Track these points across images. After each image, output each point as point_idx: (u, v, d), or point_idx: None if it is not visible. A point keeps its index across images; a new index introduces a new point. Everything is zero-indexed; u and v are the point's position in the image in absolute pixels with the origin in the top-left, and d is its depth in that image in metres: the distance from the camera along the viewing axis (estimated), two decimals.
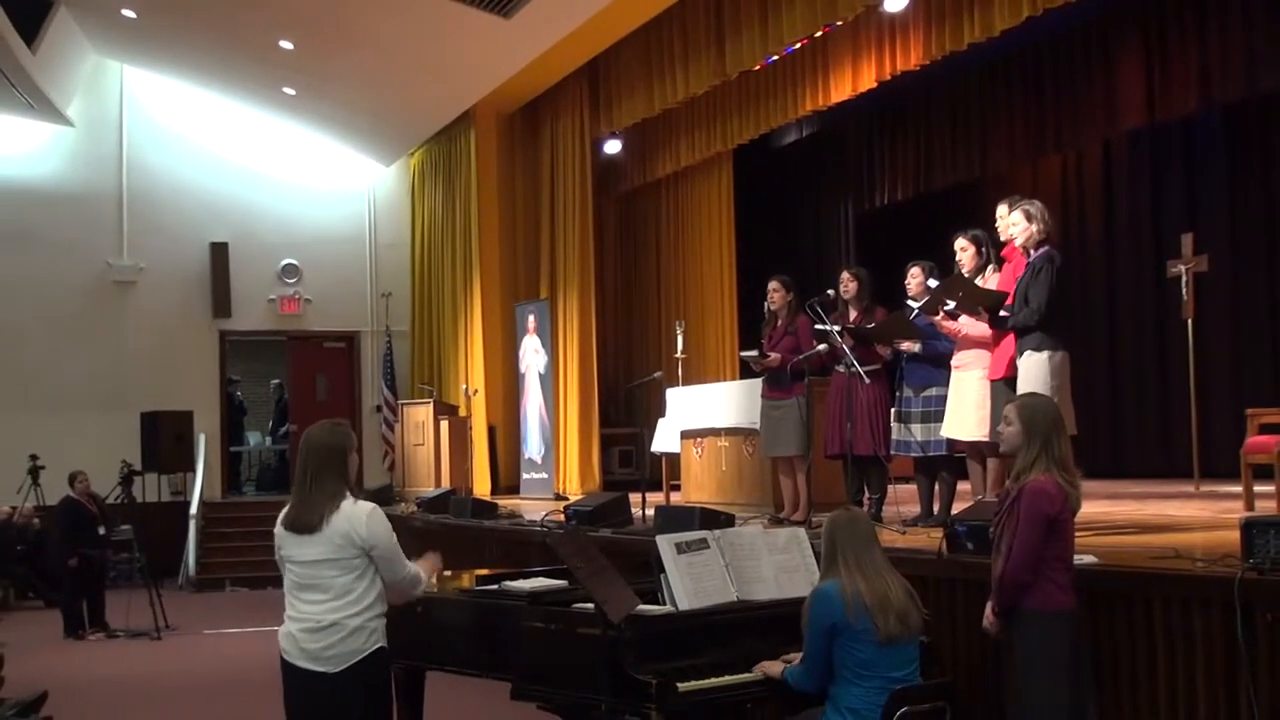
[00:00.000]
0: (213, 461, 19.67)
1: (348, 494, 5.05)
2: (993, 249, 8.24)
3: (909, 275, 8.74)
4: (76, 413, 18.62)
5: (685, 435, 12.86)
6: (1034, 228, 7.31)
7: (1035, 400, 5.46)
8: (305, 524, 5.00)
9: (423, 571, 5.32)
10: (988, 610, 5.25)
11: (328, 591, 4.98)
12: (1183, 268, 11.97)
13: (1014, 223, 7.49)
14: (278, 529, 5.10)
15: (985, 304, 7.64)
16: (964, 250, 8.24)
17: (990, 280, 8.02)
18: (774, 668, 5.34)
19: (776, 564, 5.78)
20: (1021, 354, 7.24)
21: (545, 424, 16.61)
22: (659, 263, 18.64)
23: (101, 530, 14.10)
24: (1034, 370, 7.09)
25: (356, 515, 4.98)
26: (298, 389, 20.85)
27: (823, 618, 5.10)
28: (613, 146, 17.49)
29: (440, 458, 16.97)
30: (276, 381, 22.47)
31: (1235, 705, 5.00)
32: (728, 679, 5.29)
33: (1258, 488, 8.87)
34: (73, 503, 14.04)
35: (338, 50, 16.41)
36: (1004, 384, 7.55)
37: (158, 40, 18.33)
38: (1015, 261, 7.71)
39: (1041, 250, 7.29)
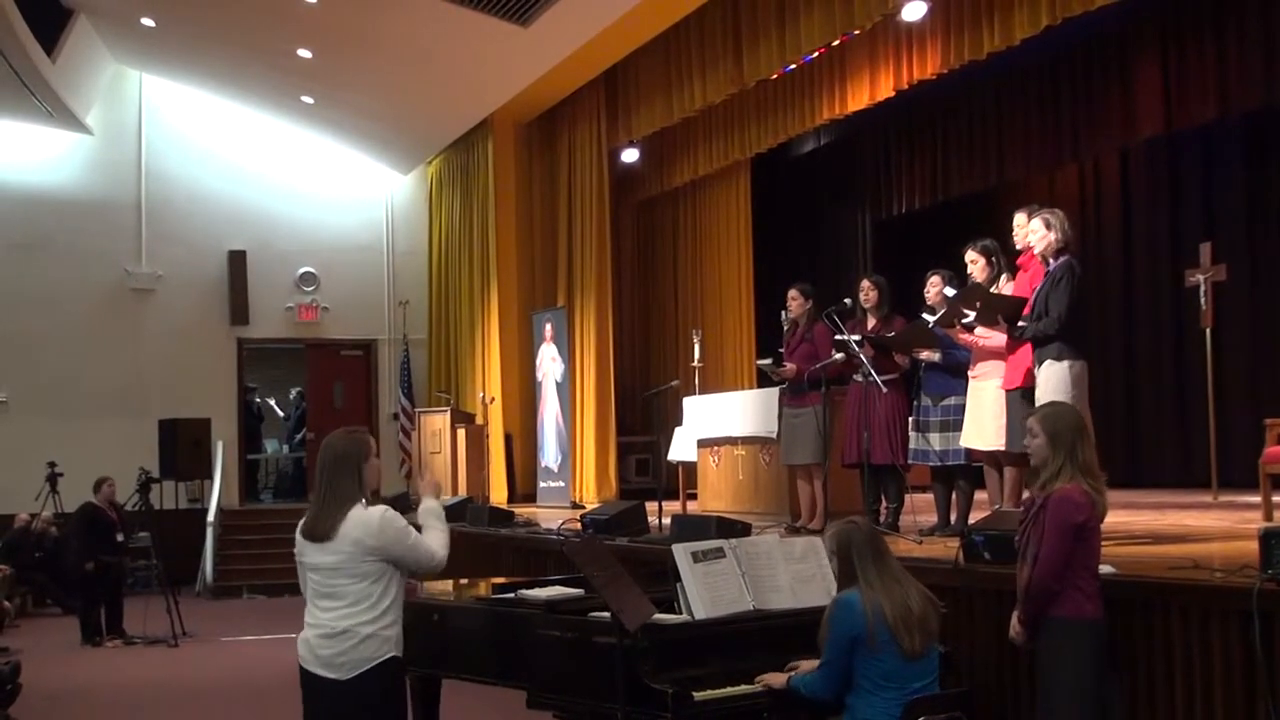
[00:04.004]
0: (230, 469, 19.71)
1: (361, 501, 5.03)
2: (1004, 258, 8.23)
3: (928, 284, 8.74)
4: (94, 420, 18.69)
5: (702, 444, 12.85)
6: (1053, 236, 7.28)
7: (1057, 409, 5.45)
8: (319, 533, 5.01)
9: (432, 505, 5.37)
10: (1014, 619, 5.24)
11: (342, 599, 4.98)
12: (1201, 277, 11.91)
13: (1033, 230, 7.46)
14: (297, 536, 5.11)
15: (1004, 312, 7.61)
16: (974, 263, 8.25)
17: (1004, 290, 7.99)
18: (777, 679, 5.29)
19: (793, 573, 5.76)
20: (1040, 364, 7.22)
21: (562, 432, 16.62)
22: (676, 271, 18.65)
23: (119, 537, 14.14)
24: (1053, 380, 7.07)
25: (367, 521, 4.97)
26: (315, 397, 20.89)
27: (845, 628, 5.08)
28: (630, 155, 17.50)
29: (457, 466, 16.97)
30: (298, 389, 22.45)
31: (1253, 717, 4.98)
32: (744, 688, 5.27)
33: (1276, 498, 8.83)
34: (92, 508, 14.07)
35: (356, 59, 16.46)
36: (1020, 393, 7.54)
37: (177, 49, 18.41)
38: (1032, 270, 7.68)
39: (1062, 259, 7.26)
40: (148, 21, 17.13)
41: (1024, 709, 5.83)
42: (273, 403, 23.55)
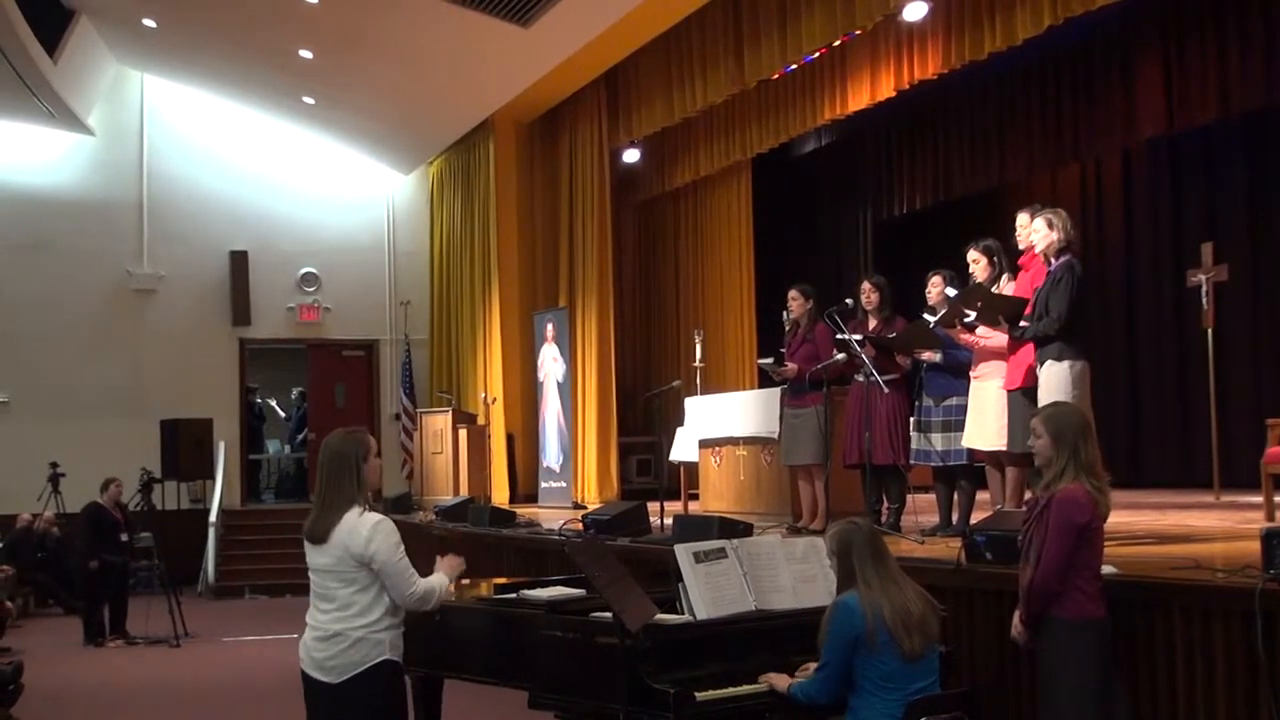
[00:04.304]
0: (232, 469, 19.72)
1: (358, 504, 5.00)
2: (1005, 258, 8.23)
3: (930, 284, 8.75)
4: (97, 420, 18.69)
5: (703, 444, 12.84)
6: (1055, 235, 7.29)
7: (1060, 409, 5.44)
8: (316, 534, 5.00)
9: (441, 577, 5.23)
10: (1015, 619, 5.24)
11: (333, 602, 4.98)
12: (1202, 277, 11.93)
13: (1036, 230, 7.47)
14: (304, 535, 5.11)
15: (1005, 312, 7.62)
16: (976, 263, 8.26)
17: (1005, 290, 8.00)
18: (780, 681, 5.28)
19: (795, 573, 5.76)
20: (1042, 364, 7.22)
21: (563, 432, 16.62)
22: (678, 271, 18.65)
23: (124, 537, 14.14)
24: (1055, 380, 7.07)
25: (358, 529, 4.94)
26: (317, 397, 20.90)
27: (844, 630, 5.07)
28: (631, 155, 17.52)
29: (459, 466, 16.96)
30: (300, 390, 22.45)
31: (1255, 717, 4.98)
32: (746, 689, 5.27)
33: (1278, 498, 8.83)
34: (97, 508, 14.08)
35: (357, 59, 16.46)
36: (1021, 394, 7.54)
37: (178, 49, 18.42)
38: (1034, 269, 7.69)
39: (1062, 259, 7.27)
40: (149, 22, 17.13)
41: (1025, 709, 5.83)
42: (274, 403, 23.55)
